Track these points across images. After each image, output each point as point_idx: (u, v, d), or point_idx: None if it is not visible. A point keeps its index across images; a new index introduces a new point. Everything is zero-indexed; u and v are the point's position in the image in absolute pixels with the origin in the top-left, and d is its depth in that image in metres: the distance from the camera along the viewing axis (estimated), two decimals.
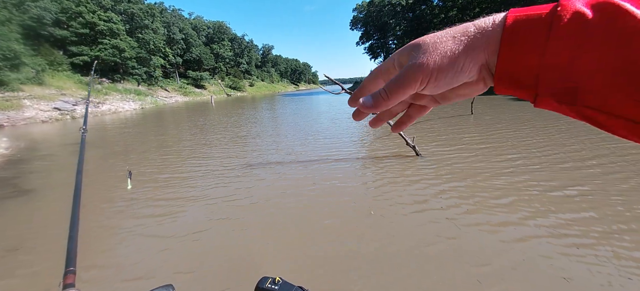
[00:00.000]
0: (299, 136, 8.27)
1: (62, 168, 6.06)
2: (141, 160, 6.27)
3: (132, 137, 9.90)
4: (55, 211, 3.66)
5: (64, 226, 0.81)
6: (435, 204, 3.30)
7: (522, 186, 3.66)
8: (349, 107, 0.34)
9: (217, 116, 15.86)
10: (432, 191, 3.66)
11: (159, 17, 41.90)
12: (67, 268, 0.66)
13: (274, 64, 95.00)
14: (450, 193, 3.59)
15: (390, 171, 4.51)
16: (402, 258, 2.39)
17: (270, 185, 4.28)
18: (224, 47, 58.66)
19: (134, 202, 3.87)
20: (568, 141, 5.67)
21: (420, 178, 4.12)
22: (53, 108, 17.68)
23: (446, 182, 3.94)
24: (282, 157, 5.85)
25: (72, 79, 24.47)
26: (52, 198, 4.20)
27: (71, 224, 0.80)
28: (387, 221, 2.99)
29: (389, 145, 6.25)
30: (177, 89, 42.04)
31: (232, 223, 3.16)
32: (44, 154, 7.63)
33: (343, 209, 3.33)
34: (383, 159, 5.07)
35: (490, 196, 3.42)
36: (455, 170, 4.38)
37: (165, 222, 3.23)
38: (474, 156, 5.04)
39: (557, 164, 4.38)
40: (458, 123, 8.70)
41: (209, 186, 4.35)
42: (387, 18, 40.51)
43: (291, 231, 2.94)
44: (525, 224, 2.78)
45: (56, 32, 26.29)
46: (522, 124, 7.80)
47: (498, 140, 6.18)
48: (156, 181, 4.69)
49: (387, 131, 7.66)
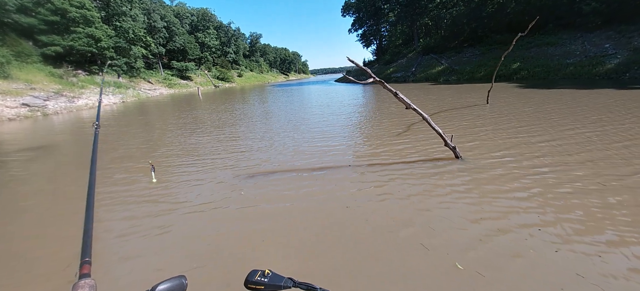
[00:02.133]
0: (307, 140, 7.30)
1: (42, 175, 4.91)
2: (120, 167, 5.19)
3: (114, 136, 8.67)
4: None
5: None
6: (522, 233, 2.47)
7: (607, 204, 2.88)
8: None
9: (207, 113, 14.62)
10: (502, 208, 2.84)
11: (137, 4, 39.10)
12: (82, 258, 0.68)
13: (263, 53, 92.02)
14: (524, 209, 2.77)
15: (433, 180, 3.67)
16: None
17: (294, 206, 3.36)
18: (209, 35, 55.88)
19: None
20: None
21: (474, 188, 3.29)
22: (21, 104, 15.93)
23: (507, 193, 3.12)
24: (288, 162, 4.90)
25: (43, 72, 22.34)
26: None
27: (86, 218, 0.82)
28: (480, 277, 2.13)
29: (416, 146, 5.39)
30: (161, 80, 39.73)
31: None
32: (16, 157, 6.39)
33: (399, 248, 2.46)
34: (415, 165, 4.21)
35: (577, 219, 2.62)
36: (511, 177, 3.57)
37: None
38: (520, 155, 4.25)
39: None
40: (483, 114, 7.92)
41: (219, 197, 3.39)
42: (382, 3, 39.14)
43: (334, 273, 2.05)
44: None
45: (22, 20, 23.82)
46: (548, 114, 7.09)
47: (544, 133, 5.42)
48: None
49: (411, 131, 6.82)
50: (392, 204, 3.11)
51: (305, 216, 3.03)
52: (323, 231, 2.71)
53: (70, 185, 4.49)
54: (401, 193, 3.35)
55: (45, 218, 3.39)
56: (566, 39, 21.23)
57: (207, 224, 3.00)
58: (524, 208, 2.84)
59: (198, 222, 3.04)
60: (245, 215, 3.11)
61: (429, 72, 27.26)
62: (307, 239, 2.59)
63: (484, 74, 21.30)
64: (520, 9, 24.52)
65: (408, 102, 4.09)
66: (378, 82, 3.97)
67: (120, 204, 3.63)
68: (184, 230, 2.90)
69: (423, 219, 2.75)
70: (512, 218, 2.67)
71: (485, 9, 27.96)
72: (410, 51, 37.31)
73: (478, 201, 3.01)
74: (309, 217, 2.99)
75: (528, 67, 19.66)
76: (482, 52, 25.44)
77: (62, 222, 3.28)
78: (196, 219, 3.11)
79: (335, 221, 2.87)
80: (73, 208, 3.59)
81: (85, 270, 0.65)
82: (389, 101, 13.09)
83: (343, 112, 10.63)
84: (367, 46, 50.71)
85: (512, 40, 8.46)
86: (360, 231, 2.65)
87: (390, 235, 2.55)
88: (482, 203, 2.99)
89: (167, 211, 3.31)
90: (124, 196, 3.86)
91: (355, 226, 2.75)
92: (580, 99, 8.89)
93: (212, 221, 3.05)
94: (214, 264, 2.34)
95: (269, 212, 3.15)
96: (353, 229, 2.69)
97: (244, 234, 2.75)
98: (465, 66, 24.52)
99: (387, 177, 3.86)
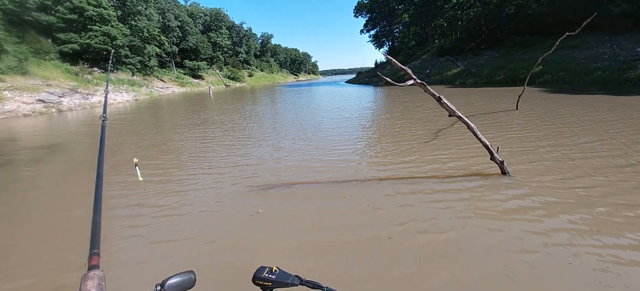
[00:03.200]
0: (322, 148, 6.90)
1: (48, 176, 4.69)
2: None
3: (124, 135, 8.49)
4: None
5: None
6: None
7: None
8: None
9: (218, 114, 14.44)
10: (567, 233, 2.35)
11: (152, 3, 39.65)
12: (91, 250, 0.68)
13: (274, 53, 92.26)
14: (601, 245, 2.27)
15: (477, 193, 3.19)
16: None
17: (309, 214, 2.96)
18: (221, 35, 56.26)
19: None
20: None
21: (532, 209, 2.81)
22: (37, 100, 16.13)
23: (574, 223, 2.62)
24: (313, 174, 4.51)
25: (60, 69, 22.73)
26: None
27: (94, 210, 0.81)
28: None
29: (451, 155, 4.91)
30: (173, 79, 40.16)
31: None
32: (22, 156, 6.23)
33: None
34: (455, 181, 3.71)
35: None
36: (565, 196, 3.06)
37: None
38: (575, 171, 3.71)
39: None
40: (518, 121, 7.32)
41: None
42: (396, 3, 38.37)
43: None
44: None
45: (41, 18, 24.34)
46: (592, 122, 6.46)
47: (601, 147, 4.85)
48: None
49: (441, 139, 6.34)
50: (427, 231, 2.66)
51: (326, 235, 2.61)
52: (345, 249, 2.29)
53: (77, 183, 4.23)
54: (439, 216, 2.90)
55: (52, 214, 3.12)
56: (592, 42, 20.14)
57: (216, 225, 2.99)
58: (600, 244, 2.34)
59: (206, 222, 3.05)
60: (255, 219, 3.03)
61: (444, 75, 26.45)
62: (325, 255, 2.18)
63: (504, 77, 20.44)
64: (544, 10, 23.49)
65: (453, 108, 3.62)
66: (419, 84, 3.55)
67: (125, 201, 3.59)
68: (192, 230, 2.91)
69: (466, 244, 2.30)
70: (588, 251, 2.18)
71: (504, 10, 26.96)
72: (424, 52, 36.46)
73: (543, 230, 2.52)
74: (330, 236, 2.57)
75: (551, 70, 18.72)
76: (501, 54, 24.47)
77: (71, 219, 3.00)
78: (205, 219, 3.12)
79: (360, 240, 2.44)
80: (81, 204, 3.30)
81: (94, 262, 0.65)
82: (407, 103, 12.55)
83: (361, 115, 10.18)
84: (379, 47, 49.96)
85: (555, 42, 7.84)
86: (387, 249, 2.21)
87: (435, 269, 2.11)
88: (549, 231, 2.50)
89: (174, 214, 3.25)
90: (128, 195, 3.77)
91: (384, 247, 2.32)
92: (625, 106, 8.12)
93: (220, 221, 3.06)
94: (222, 261, 2.35)
95: (285, 220, 2.76)
96: (382, 250, 2.26)
97: (254, 235, 2.74)
98: (483, 68, 23.63)
99: (419, 193, 3.41)
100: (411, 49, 43.12)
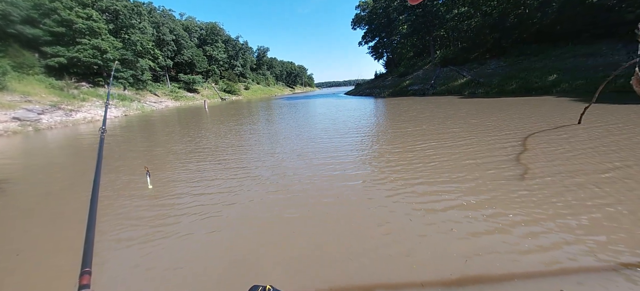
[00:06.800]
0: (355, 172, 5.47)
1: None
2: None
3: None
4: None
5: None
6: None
7: None
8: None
9: (213, 136, 13.02)
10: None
11: (146, 17, 38.73)
12: (83, 268, 0.66)
13: (270, 66, 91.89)
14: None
15: None
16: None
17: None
18: (217, 49, 55.43)
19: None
20: None
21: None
22: (12, 118, 14.52)
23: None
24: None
25: (43, 84, 21.22)
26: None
27: (88, 226, 0.80)
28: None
29: (563, 215, 3.52)
30: (167, 93, 38.81)
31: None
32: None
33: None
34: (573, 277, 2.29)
35: None
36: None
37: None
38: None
39: None
40: (587, 142, 6.00)
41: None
42: (396, 13, 37.89)
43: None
44: None
45: (26, 31, 22.98)
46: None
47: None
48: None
49: (530, 175, 5.01)
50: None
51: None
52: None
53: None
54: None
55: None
56: (605, 50, 19.38)
57: (210, 242, 2.77)
58: None
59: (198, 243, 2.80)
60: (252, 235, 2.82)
61: (450, 85, 25.50)
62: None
63: (516, 87, 19.48)
64: (551, 19, 22.91)
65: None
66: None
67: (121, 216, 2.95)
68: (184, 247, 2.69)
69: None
70: None
71: (507, 19, 26.42)
72: (426, 63, 35.77)
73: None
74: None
75: (568, 79, 17.77)
76: (509, 63, 23.67)
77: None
78: (198, 240, 2.85)
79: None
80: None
81: (85, 281, 0.62)
82: (435, 120, 11.26)
83: (390, 137, 8.80)
84: (379, 58, 49.45)
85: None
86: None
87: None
88: None
89: (168, 232, 3.02)
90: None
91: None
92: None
93: (213, 239, 2.83)
94: (217, 278, 2.22)
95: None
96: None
97: (248, 252, 2.52)
98: (492, 78, 22.71)
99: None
100: (411, 60, 42.57)
